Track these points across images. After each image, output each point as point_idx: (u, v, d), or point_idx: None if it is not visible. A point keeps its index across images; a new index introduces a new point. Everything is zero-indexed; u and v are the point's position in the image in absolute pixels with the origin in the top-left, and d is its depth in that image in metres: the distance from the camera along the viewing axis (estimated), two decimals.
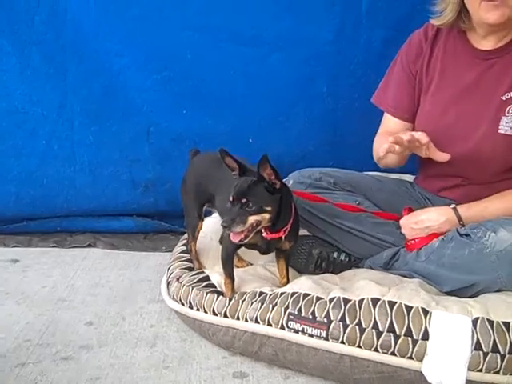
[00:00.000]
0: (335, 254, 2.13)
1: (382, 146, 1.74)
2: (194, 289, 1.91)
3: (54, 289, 2.25)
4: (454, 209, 1.89)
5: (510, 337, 1.56)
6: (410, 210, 2.03)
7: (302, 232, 2.17)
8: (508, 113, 1.86)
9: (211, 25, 2.52)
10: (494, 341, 1.56)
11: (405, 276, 1.91)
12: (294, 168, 2.31)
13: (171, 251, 2.30)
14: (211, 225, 2.24)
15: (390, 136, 1.75)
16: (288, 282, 1.95)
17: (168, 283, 2.03)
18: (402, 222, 2.01)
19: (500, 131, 1.87)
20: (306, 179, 2.15)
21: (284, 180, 2.04)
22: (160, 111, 2.62)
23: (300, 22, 2.54)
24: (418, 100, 2.07)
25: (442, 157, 1.84)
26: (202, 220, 2.10)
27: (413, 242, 1.95)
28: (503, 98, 1.87)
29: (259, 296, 1.81)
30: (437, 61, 2.01)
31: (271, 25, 2.54)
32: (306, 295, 1.75)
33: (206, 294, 1.87)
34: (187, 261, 2.11)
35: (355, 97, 2.64)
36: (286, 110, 2.66)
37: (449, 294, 1.80)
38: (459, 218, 1.88)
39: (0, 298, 2.18)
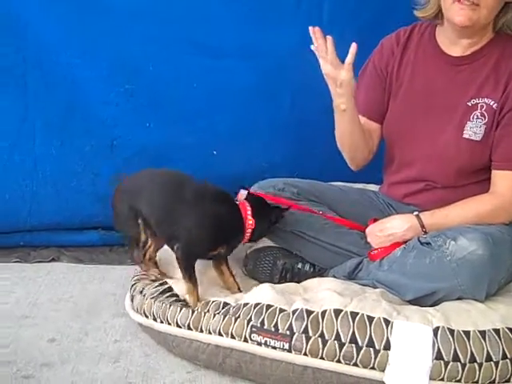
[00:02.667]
0: (300, 265, 2.14)
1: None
2: (157, 301, 1.89)
3: (17, 305, 2.21)
4: (417, 216, 1.91)
5: (470, 346, 1.58)
6: (375, 220, 2.05)
7: (266, 243, 2.18)
8: (473, 118, 1.91)
9: (173, 36, 2.51)
10: (455, 350, 1.57)
11: (368, 286, 1.92)
12: (259, 180, 2.32)
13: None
14: None
15: None
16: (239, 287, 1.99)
17: (132, 297, 2.01)
18: (367, 230, 2.04)
19: (464, 136, 1.91)
20: (269, 189, 2.16)
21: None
22: (123, 124, 2.60)
23: (263, 32, 2.54)
24: (388, 103, 2.10)
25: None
26: None
27: (375, 251, 1.97)
28: (469, 104, 1.92)
29: (223, 308, 1.80)
30: (407, 65, 2.05)
31: (234, 35, 2.53)
32: (268, 306, 1.75)
33: (170, 305, 1.86)
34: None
35: (320, 108, 2.62)
36: (251, 121, 2.66)
37: (411, 302, 1.82)
38: (422, 225, 1.90)
39: None
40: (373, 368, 1.60)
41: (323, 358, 1.63)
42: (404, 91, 2.04)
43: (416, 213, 1.92)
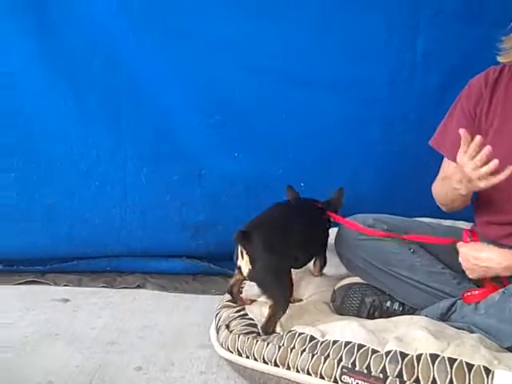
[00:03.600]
0: (388, 303, 2.07)
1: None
2: (241, 336, 1.87)
3: (104, 331, 2.24)
4: None
5: None
6: (474, 235, 1.95)
7: (355, 279, 2.14)
8: None
9: (264, 66, 2.54)
10: None
11: (463, 329, 1.83)
12: (346, 212, 2.27)
13: (220, 294, 2.28)
14: None
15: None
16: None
17: (217, 329, 2.00)
18: (462, 249, 1.92)
19: None
20: (360, 225, 2.11)
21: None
22: (211, 154, 2.64)
23: (355, 64, 2.54)
24: None
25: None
26: None
27: (470, 294, 1.88)
28: None
29: (309, 342, 1.76)
30: (497, 106, 1.96)
31: (325, 66, 2.54)
32: (360, 346, 1.69)
33: (256, 341, 1.83)
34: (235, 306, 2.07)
35: (409, 142, 2.61)
36: (339, 153, 2.64)
37: (510, 350, 1.72)
38: None
39: (51, 339, 2.17)
40: None
41: None
42: (494, 133, 1.95)
43: None
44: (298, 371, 1.73)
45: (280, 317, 1.88)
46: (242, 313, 2.01)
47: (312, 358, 1.72)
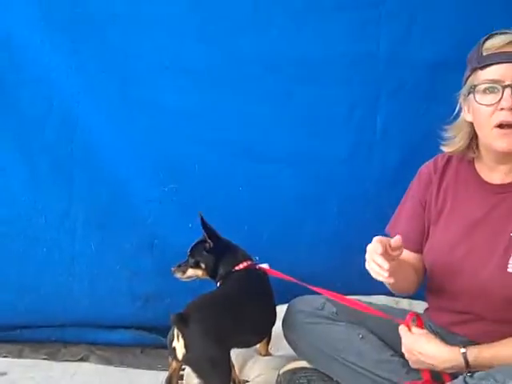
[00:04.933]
0: None
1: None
2: None
3: None
4: (464, 354, 1.74)
5: None
6: (418, 320, 1.85)
7: (302, 363, 2.05)
8: None
9: (222, 139, 2.52)
10: None
11: None
12: (302, 289, 2.20)
13: (166, 370, 2.17)
14: None
15: None
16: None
17: None
18: (404, 340, 1.84)
19: (509, 270, 1.74)
20: (306, 307, 2.04)
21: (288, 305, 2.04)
22: (165, 224, 2.58)
23: (314, 139, 2.52)
24: (428, 231, 1.98)
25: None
26: None
27: None
28: None
29: None
30: (447, 192, 1.93)
31: (284, 140, 2.53)
32: None
33: None
34: None
35: (367, 218, 2.56)
36: (295, 228, 2.60)
37: None
38: (467, 364, 1.72)
39: None
40: None
41: None
42: (444, 220, 1.91)
43: (464, 350, 1.74)
44: None
45: None
46: None
47: None
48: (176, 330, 1.79)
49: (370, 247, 1.73)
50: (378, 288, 2.35)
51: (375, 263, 1.70)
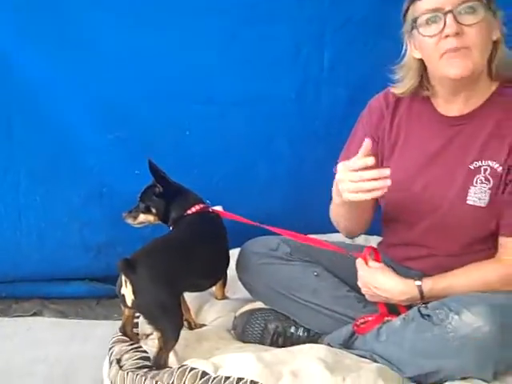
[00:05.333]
0: (292, 329, 1.98)
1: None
2: (130, 373, 1.73)
3: None
4: (419, 286, 1.75)
5: None
6: (376, 253, 1.87)
7: (257, 304, 2.04)
8: (476, 183, 1.74)
9: (167, 82, 2.43)
10: None
11: (365, 357, 1.76)
12: (256, 231, 2.18)
13: None
14: None
15: None
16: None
17: (110, 364, 1.86)
18: (360, 273, 1.86)
19: (468, 202, 1.74)
20: (260, 249, 2.02)
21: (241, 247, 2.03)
22: (112, 172, 2.51)
23: (260, 80, 2.45)
24: (381, 166, 1.95)
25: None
26: None
27: (362, 324, 1.82)
28: (471, 167, 1.75)
29: (200, 379, 1.64)
30: (400, 126, 1.90)
31: (230, 82, 2.45)
32: (253, 383, 1.59)
33: (144, 379, 1.70)
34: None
35: (319, 156, 2.53)
36: (247, 170, 2.56)
37: (411, 380, 1.65)
38: (421, 296, 1.74)
39: None
40: None
41: None
42: (398, 155, 1.89)
43: (418, 283, 1.75)
44: None
45: (171, 348, 1.76)
46: (135, 345, 1.88)
47: None
48: (124, 276, 1.75)
49: (346, 165, 1.64)
50: (333, 226, 2.37)
51: (367, 179, 1.60)
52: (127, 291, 1.75)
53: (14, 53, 2.36)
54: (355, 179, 1.62)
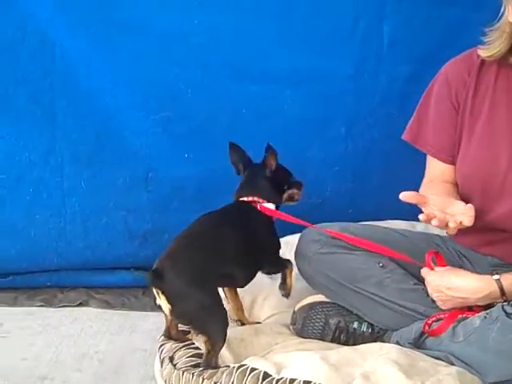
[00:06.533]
0: (355, 324, 1.86)
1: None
2: (186, 372, 1.63)
3: (35, 362, 2.00)
4: (498, 280, 1.60)
5: None
6: (438, 257, 1.74)
7: (318, 297, 1.92)
8: None
9: (214, 61, 2.31)
10: None
11: (440, 359, 1.62)
12: (310, 216, 2.05)
13: None
14: None
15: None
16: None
17: (161, 362, 1.76)
18: (429, 278, 1.73)
19: None
20: (321, 236, 1.89)
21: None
22: (159, 155, 2.41)
23: (315, 56, 2.32)
24: (459, 140, 1.80)
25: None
26: None
27: (434, 324, 1.67)
28: None
29: (263, 380, 1.52)
30: (485, 97, 1.75)
31: (282, 59, 2.32)
32: None
33: (202, 379, 1.59)
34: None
35: (376, 138, 2.41)
36: (301, 152, 2.42)
37: None
38: (502, 292, 1.59)
39: None
40: None
41: None
42: (482, 128, 1.74)
43: (496, 277, 1.61)
44: None
45: (219, 350, 1.64)
46: (187, 342, 1.77)
47: None
48: (154, 288, 1.63)
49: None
50: (393, 213, 2.24)
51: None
52: (162, 302, 1.63)
53: (56, 35, 2.26)
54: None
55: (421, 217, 1.52)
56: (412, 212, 1.96)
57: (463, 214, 1.55)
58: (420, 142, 1.87)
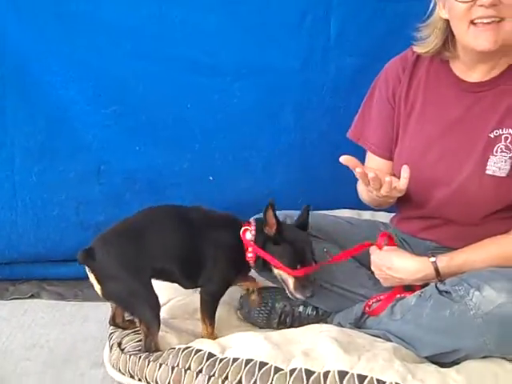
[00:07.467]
0: (301, 308, 1.91)
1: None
2: (133, 356, 1.66)
3: None
4: (434, 262, 1.66)
5: None
6: (391, 240, 1.80)
7: (264, 283, 1.96)
8: (497, 152, 1.65)
9: (166, 53, 2.31)
10: None
11: (378, 336, 1.68)
12: (259, 207, 2.09)
13: None
14: None
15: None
16: None
17: (110, 348, 1.78)
18: (373, 257, 1.79)
19: (487, 172, 1.66)
20: None
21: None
22: (111, 148, 2.40)
23: (264, 49, 2.33)
24: (397, 136, 1.86)
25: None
26: None
27: (373, 303, 1.75)
28: (491, 136, 1.66)
29: (207, 360, 1.56)
30: (417, 92, 1.81)
31: (231, 52, 2.33)
32: (262, 364, 1.51)
33: (148, 361, 1.63)
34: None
35: (324, 129, 2.44)
36: (250, 144, 2.44)
37: (428, 359, 1.57)
38: (437, 273, 1.65)
39: None
40: None
41: None
42: (414, 122, 1.80)
43: (433, 259, 1.66)
44: None
45: (156, 332, 1.68)
46: (136, 328, 1.79)
47: (209, 381, 1.52)
48: (86, 267, 1.68)
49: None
50: (340, 202, 2.29)
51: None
52: (93, 281, 1.68)
53: (6, 28, 2.24)
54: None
55: (358, 169, 1.56)
56: (359, 202, 2.04)
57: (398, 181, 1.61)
58: (362, 139, 1.92)
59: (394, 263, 1.72)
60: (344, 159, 1.57)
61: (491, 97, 1.68)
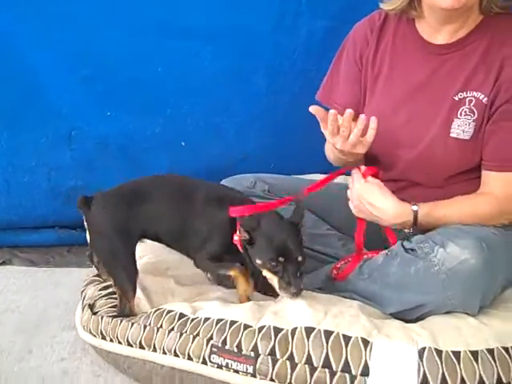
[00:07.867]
0: None
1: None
2: (105, 317, 1.67)
3: None
4: (415, 211, 1.64)
5: (460, 369, 1.36)
6: (376, 171, 1.74)
7: None
8: (461, 115, 1.66)
9: (135, 17, 2.28)
10: (443, 374, 1.36)
11: (345, 297, 1.69)
12: (232, 172, 2.12)
13: None
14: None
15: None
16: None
17: (82, 309, 1.79)
18: (358, 185, 1.72)
19: (452, 135, 1.67)
20: (236, 187, 1.92)
21: None
22: (82, 114, 2.39)
23: (235, 12, 2.32)
24: (364, 97, 1.86)
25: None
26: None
27: (341, 266, 1.75)
28: (456, 98, 1.67)
29: (178, 320, 1.57)
30: (384, 54, 1.80)
31: (203, 15, 2.31)
32: (232, 322, 1.52)
33: (120, 321, 1.64)
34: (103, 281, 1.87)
35: (297, 92, 2.43)
36: (222, 108, 2.44)
37: (393, 315, 1.59)
38: (415, 221, 1.64)
39: None
40: None
41: None
42: (382, 84, 1.80)
43: (415, 207, 1.64)
44: (164, 353, 1.56)
45: (131, 297, 1.69)
46: (109, 290, 1.81)
47: (180, 338, 1.55)
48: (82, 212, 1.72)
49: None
50: (313, 167, 2.29)
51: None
52: (87, 228, 1.73)
53: None
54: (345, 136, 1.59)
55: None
56: (330, 166, 2.05)
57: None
58: (330, 101, 1.91)
59: (376, 201, 1.68)
60: (313, 109, 1.57)
61: (457, 59, 1.69)
